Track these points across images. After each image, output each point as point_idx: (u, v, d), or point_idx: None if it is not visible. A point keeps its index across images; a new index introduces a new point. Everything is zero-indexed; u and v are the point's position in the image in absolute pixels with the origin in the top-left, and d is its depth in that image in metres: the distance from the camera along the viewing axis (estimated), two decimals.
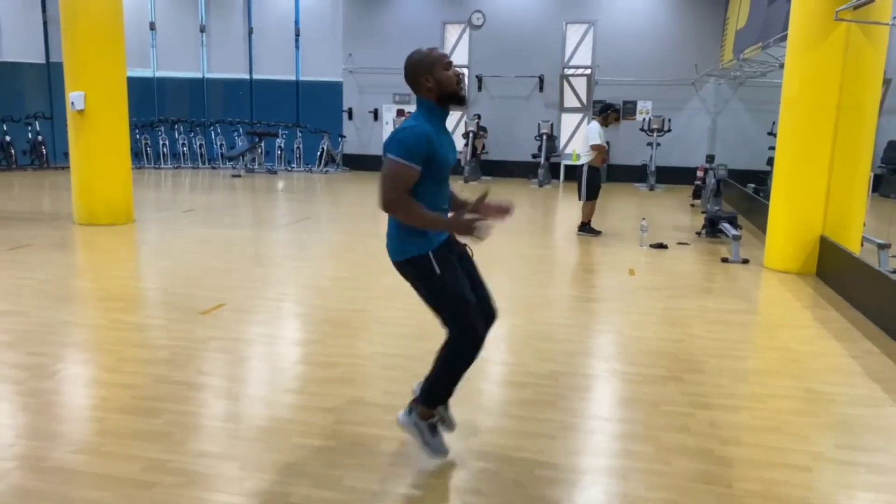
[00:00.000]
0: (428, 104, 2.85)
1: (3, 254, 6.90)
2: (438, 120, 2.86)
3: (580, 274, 6.90)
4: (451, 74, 2.85)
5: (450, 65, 2.87)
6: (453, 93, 2.85)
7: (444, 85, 2.82)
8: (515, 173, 16.29)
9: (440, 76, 2.82)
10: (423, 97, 2.85)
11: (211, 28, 17.43)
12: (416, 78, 2.84)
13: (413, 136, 2.70)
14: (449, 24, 16.56)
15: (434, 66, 2.83)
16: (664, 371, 4.22)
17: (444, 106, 2.87)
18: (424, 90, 2.84)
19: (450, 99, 2.85)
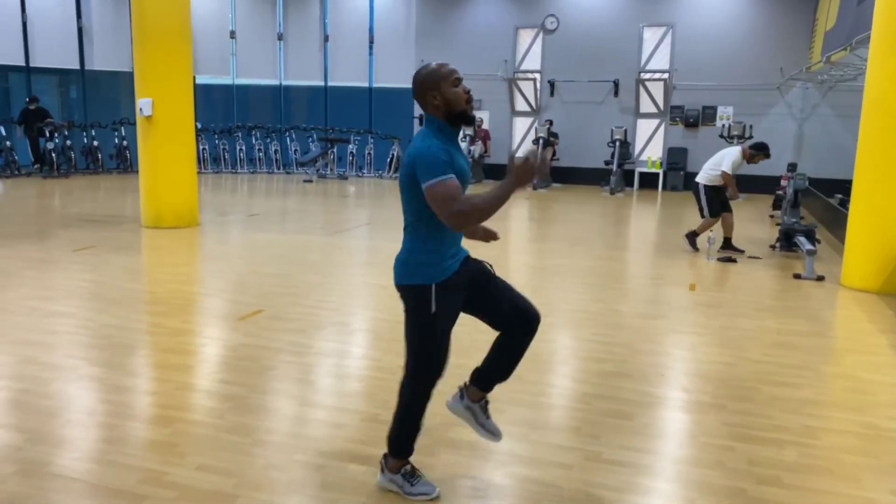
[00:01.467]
0: (437, 122, 2.67)
1: (68, 255, 7.15)
2: (448, 138, 2.68)
3: (636, 288, 6.56)
4: (460, 91, 2.67)
5: (458, 81, 2.68)
6: (462, 111, 2.67)
7: (452, 103, 2.65)
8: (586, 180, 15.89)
9: (448, 93, 2.64)
10: (430, 114, 2.68)
11: (288, 36, 17.82)
12: (423, 94, 2.67)
13: (434, 153, 2.55)
14: (522, 29, 16.34)
15: (442, 81, 2.64)
16: (708, 397, 3.90)
17: (452, 124, 2.69)
18: (431, 107, 2.66)
19: (458, 118, 2.68)
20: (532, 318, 2.89)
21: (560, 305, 5.76)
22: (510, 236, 9.47)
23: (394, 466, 2.86)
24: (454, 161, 2.62)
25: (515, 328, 2.87)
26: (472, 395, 2.98)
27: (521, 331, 2.88)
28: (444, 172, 2.51)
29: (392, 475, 2.85)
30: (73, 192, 12.67)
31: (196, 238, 8.47)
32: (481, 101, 16.67)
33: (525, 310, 2.88)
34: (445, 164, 2.53)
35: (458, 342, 2.87)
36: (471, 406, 2.99)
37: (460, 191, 2.55)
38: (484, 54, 16.31)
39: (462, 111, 2.67)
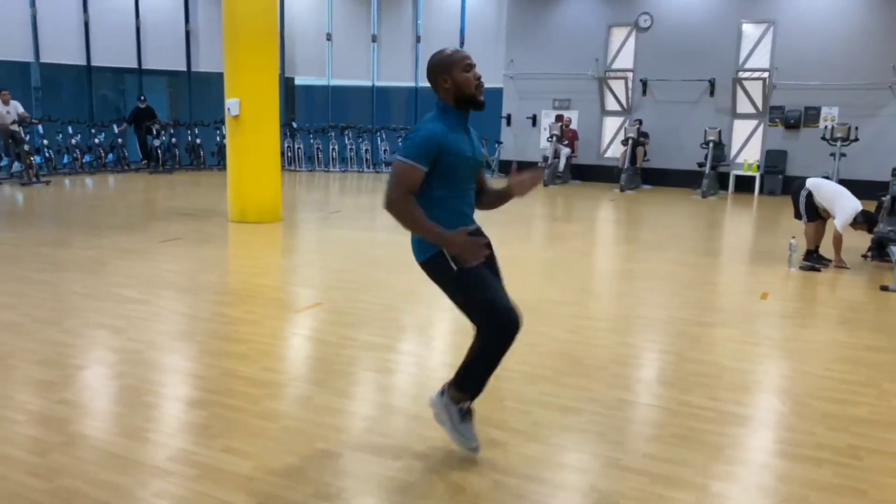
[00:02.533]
0: (443, 105, 2.81)
1: (154, 245, 7.62)
2: (455, 121, 2.80)
3: (704, 295, 6.33)
4: (471, 77, 2.79)
5: (470, 67, 2.80)
6: (471, 96, 2.80)
7: (462, 87, 2.77)
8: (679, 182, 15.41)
9: (458, 77, 2.77)
10: (440, 98, 2.82)
11: (382, 38, 18.21)
12: (434, 77, 2.81)
13: (421, 136, 2.71)
14: (614, 27, 16.04)
15: (453, 66, 2.77)
16: (750, 410, 3.75)
17: (461, 108, 2.81)
18: (442, 91, 2.80)
19: (468, 102, 2.80)
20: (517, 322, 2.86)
21: (618, 310, 5.66)
22: (586, 237, 9.34)
23: (456, 397, 2.91)
24: (450, 151, 2.72)
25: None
26: (454, 395, 2.98)
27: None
28: (418, 160, 2.66)
29: (448, 401, 2.91)
30: (173, 187, 13.46)
31: (276, 233, 8.83)
32: (570, 101, 16.51)
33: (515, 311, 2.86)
34: (426, 156, 2.67)
35: None
36: (448, 405, 2.98)
37: (415, 183, 2.68)
38: (574, 53, 16.11)
39: (471, 95, 2.78)
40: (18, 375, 3.94)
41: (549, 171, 15.38)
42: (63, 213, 10.34)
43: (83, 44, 15.59)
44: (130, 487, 2.81)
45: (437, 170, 2.73)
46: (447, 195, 2.81)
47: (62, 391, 3.74)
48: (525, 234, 9.47)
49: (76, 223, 9.23)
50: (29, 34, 14.75)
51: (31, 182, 12.68)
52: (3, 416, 3.42)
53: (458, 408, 2.94)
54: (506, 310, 2.77)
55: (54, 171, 14.41)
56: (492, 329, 2.79)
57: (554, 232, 9.95)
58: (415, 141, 2.70)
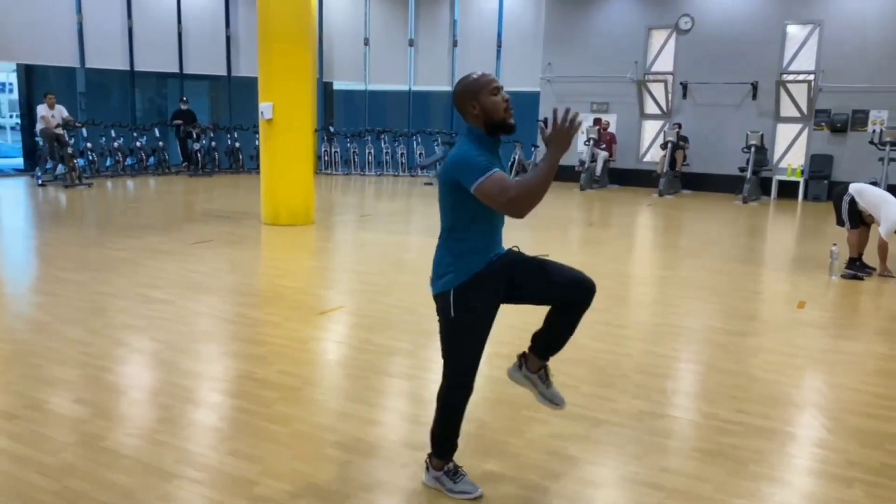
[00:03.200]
0: (476, 131, 2.67)
1: (186, 247, 7.69)
2: (486, 147, 2.66)
3: (738, 303, 6.13)
4: (499, 100, 2.64)
5: (498, 90, 2.65)
6: (501, 120, 2.65)
7: (491, 111, 2.63)
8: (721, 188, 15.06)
9: (486, 102, 2.63)
10: (471, 124, 2.69)
11: (419, 42, 18.23)
12: (462, 104, 2.68)
13: (468, 156, 2.59)
14: (654, 30, 15.77)
15: (480, 91, 2.64)
16: (778, 423, 3.58)
17: (493, 134, 2.68)
18: (472, 117, 2.67)
19: (498, 127, 2.67)
20: (584, 290, 2.78)
21: (648, 318, 5.51)
22: (620, 242, 9.16)
23: (437, 465, 2.87)
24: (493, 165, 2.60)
25: (566, 301, 2.80)
26: (531, 365, 2.97)
27: (575, 302, 2.80)
28: (487, 169, 2.52)
29: (436, 473, 2.87)
30: (211, 190, 13.64)
31: (306, 235, 8.85)
32: (608, 104, 16.28)
33: (573, 283, 2.78)
34: (486, 163, 2.54)
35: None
36: (529, 376, 2.98)
37: (508, 181, 2.55)
38: (613, 56, 15.88)
39: (501, 119, 2.65)
40: (39, 374, 3.98)
41: (585, 176, 15.19)
42: (101, 215, 10.55)
43: (127, 49, 15.93)
44: (135, 490, 2.80)
45: (473, 197, 2.57)
46: (480, 228, 2.72)
47: (79, 391, 3.76)
48: (558, 238, 9.33)
49: (112, 224, 9.40)
50: (75, 40, 15.12)
51: (73, 184, 12.97)
52: (20, 413, 3.45)
53: (444, 473, 2.85)
54: (463, 378, 2.79)
55: (97, 174, 14.73)
56: (446, 384, 2.82)
57: (587, 237, 9.78)
58: (471, 161, 2.55)
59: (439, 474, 2.86)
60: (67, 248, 7.57)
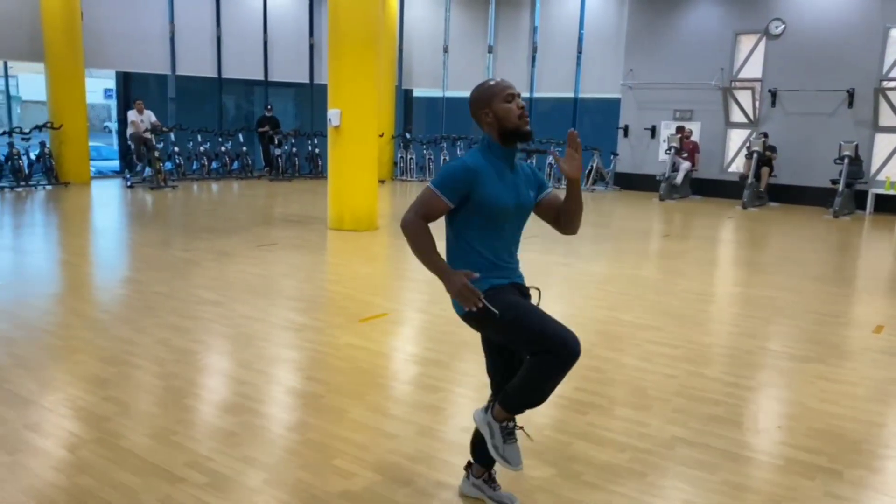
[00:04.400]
0: (488, 140, 2.60)
1: (249, 249, 7.87)
2: (500, 158, 2.58)
3: (805, 325, 5.73)
4: (513, 107, 2.56)
5: (512, 97, 2.57)
6: (515, 127, 2.56)
7: (504, 119, 2.55)
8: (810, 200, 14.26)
9: (499, 109, 2.55)
10: (486, 132, 2.62)
11: (498, 49, 18.15)
12: (476, 112, 2.62)
13: (454, 169, 2.54)
14: (742, 35, 15.12)
15: (493, 98, 2.57)
16: (823, 459, 3.29)
17: (507, 143, 2.59)
18: (485, 125, 2.60)
19: (512, 135, 2.57)
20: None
21: (701, 337, 5.21)
22: (689, 256, 8.78)
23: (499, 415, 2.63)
24: (484, 191, 2.52)
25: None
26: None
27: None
28: (444, 193, 2.51)
29: (491, 419, 2.66)
30: (288, 194, 13.97)
31: (368, 241, 8.91)
32: (692, 112, 15.72)
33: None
34: (456, 191, 2.51)
35: None
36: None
37: (435, 213, 2.54)
38: (698, 62, 15.33)
39: (515, 127, 2.56)
40: (79, 370, 4.12)
41: (665, 185, 14.70)
42: (178, 217, 10.96)
43: (215, 57, 16.57)
44: (138, 491, 2.83)
45: (472, 212, 2.53)
46: (485, 242, 2.59)
47: (112, 388, 3.86)
48: (624, 249, 9.04)
49: (186, 226, 9.74)
50: (167, 48, 15.84)
51: (159, 186, 13.57)
52: (51, 408, 3.58)
53: (501, 427, 2.68)
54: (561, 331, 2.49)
55: (183, 177, 15.37)
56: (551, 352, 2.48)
57: (656, 249, 9.42)
58: (448, 172, 2.53)
59: (495, 424, 2.65)
60: (138, 248, 7.88)
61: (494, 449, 2.66)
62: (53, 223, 10.22)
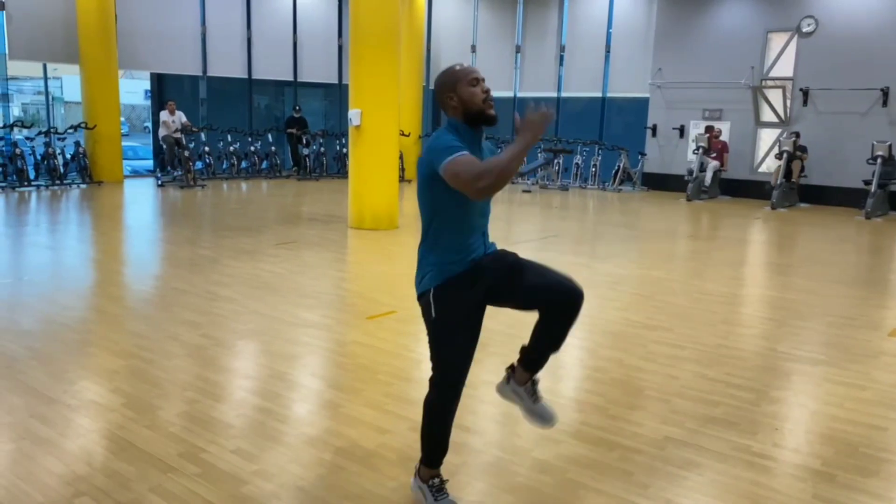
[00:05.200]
0: (454, 122, 2.61)
1: (269, 248, 8.00)
2: (464, 138, 2.58)
3: (819, 327, 5.64)
4: (478, 91, 2.58)
5: (476, 81, 2.60)
6: (479, 110, 2.59)
7: (468, 102, 2.57)
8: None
9: (464, 93, 2.57)
10: (451, 116, 2.63)
11: (525, 49, 18.12)
12: (441, 97, 2.64)
13: (438, 141, 2.52)
14: (773, 33, 14.88)
15: (458, 83, 2.59)
16: (817, 462, 3.25)
17: (473, 125, 2.61)
18: (451, 109, 2.62)
19: (477, 117, 2.60)
20: (570, 298, 2.64)
21: (710, 339, 5.16)
22: (709, 256, 8.68)
23: (424, 475, 2.80)
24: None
25: (552, 305, 2.66)
26: (519, 378, 2.85)
27: (560, 309, 2.66)
28: (455, 151, 2.45)
29: (420, 483, 2.80)
30: (314, 194, 14.13)
31: (387, 240, 8.98)
32: (721, 111, 15.51)
33: (563, 287, 2.66)
34: (455, 146, 2.46)
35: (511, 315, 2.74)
36: (517, 389, 2.86)
37: (475, 160, 2.44)
38: (728, 61, 15.11)
39: (479, 110, 2.58)
40: (90, 363, 4.26)
41: (693, 186, 14.53)
42: (204, 215, 11.18)
43: (246, 58, 16.83)
44: (130, 480, 2.92)
45: (443, 190, 2.51)
46: (456, 225, 2.63)
47: (119, 381, 3.98)
48: (644, 250, 8.97)
49: (210, 224, 9.93)
50: (199, 50, 16.14)
51: (189, 185, 13.84)
52: (58, 398, 3.70)
53: (429, 486, 2.75)
54: (451, 379, 2.67)
55: (213, 176, 15.64)
56: (433, 388, 2.72)
57: (677, 250, 9.33)
58: (441, 145, 2.46)
59: (423, 485, 2.78)
60: (163, 246, 8.07)
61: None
62: (82, 221, 10.50)
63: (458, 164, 2.41)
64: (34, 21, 13.47)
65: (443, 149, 2.46)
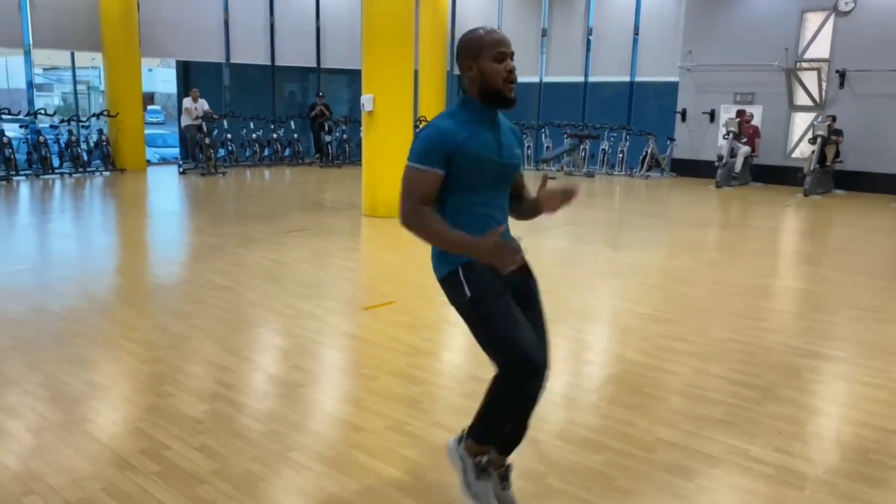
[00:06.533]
0: (466, 99, 2.36)
1: (278, 235, 7.89)
2: (478, 116, 2.35)
3: (837, 320, 5.33)
4: (501, 69, 2.30)
5: (503, 56, 2.30)
6: (497, 91, 2.31)
7: (487, 79, 2.30)
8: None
9: (486, 67, 2.29)
10: (462, 86, 2.38)
11: (552, 33, 17.74)
12: (461, 60, 2.35)
13: (428, 134, 2.30)
14: (809, 13, 14.29)
15: (482, 52, 2.30)
16: (820, 471, 3.01)
17: (487, 103, 2.34)
18: (467, 78, 2.34)
19: (493, 97, 2.32)
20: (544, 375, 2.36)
21: (719, 332, 4.90)
22: (731, 245, 8.35)
23: (472, 448, 2.50)
24: (465, 150, 2.28)
25: None
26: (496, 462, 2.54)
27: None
28: (429, 163, 2.25)
29: (464, 454, 2.52)
30: (336, 181, 14.02)
31: (399, 228, 8.74)
32: (754, 95, 14.99)
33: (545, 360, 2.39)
34: (437, 156, 2.25)
35: None
36: (464, 457, 2.54)
37: (431, 190, 2.27)
38: (761, 42, 14.57)
39: (497, 90, 2.31)
40: (70, 353, 4.16)
41: (722, 172, 14.08)
42: (220, 203, 11.14)
43: (269, 45, 16.77)
44: (84, 478, 2.81)
45: (455, 171, 2.30)
46: (472, 200, 2.36)
47: (95, 372, 3.89)
48: (663, 238, 8.67)
49: (223, 211, 9.88)
50: (222, 37, 16.11)
51: (210, 173, 13.84)
52: (31, 390, 3.62)
53: (475, 461, 2.51)
54: (524, 354, 2.27)
55: (235, 164, 15.64)
56: (506, 373, 2.32)
57: (698, 238, 9.00)
58: (421, 141, 2.29)
59: (468, 459, 2.50)
60: (171, 234, 8.02)
61: (466, 484, 2.52)
62: (98, 209, 10.54)
63: (414, 179, 2.25)
64: (57, 10, 13.54)
65: (421, 149, 2.27)
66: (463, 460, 2.52)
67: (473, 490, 2.51)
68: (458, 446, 2.56)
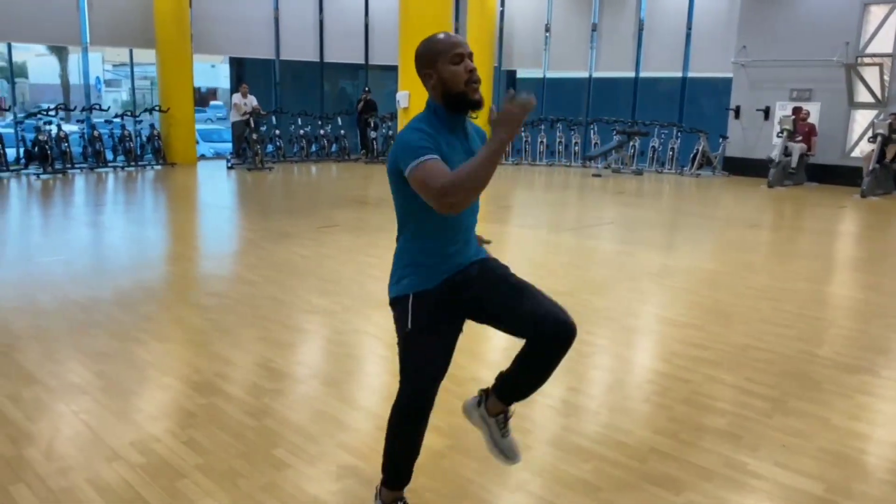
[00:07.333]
0: (433, 105, 2.30)
1: (310, 231, 7.97)
2: (444, 124, 2.28)
3: (876, 331, 5.07)
4: (461, 70, 2.23)
5: (460, 58, 2.24)
6: (460, 94, 2.24)
7: (449, 83, 2.23)
8: None
9: (444, 71, 2.23)
10: (430, 96, 2.32)
11: (602, 27, 17.43)
12: (420, 71, 2.31)
13: (406, 138, 2.22)
14: (872, 6, 13.69)
15: (438, 57, 2.24)
16: (820, 488, 2.86)
17: (454, 110, 2.27)
18: (430, 87, 2.29)
19: (458, 101, 2.25)
20: (562, 328, 2.29)
21: (741, 339, 4.72)
22: (774, 248, 8.05)
23: (386, 497, 2.52)
24: (439, 149, 2.20)
25: (540, 337, 2.32)
26: (492, 408, 2.54)
27: (548, 341, 2.32)
28: (422, 154, 2.14)
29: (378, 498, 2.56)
30: (379, 176, 14.02)
31: None
32: (811, 91, 14.43)
33: (557, 318, 2.30)
34: (423, 148, 2.16)
35: None
36: (486, 419, 2.56)
37: (442, 169, 2.13)
38: (819, 36, 14.01)
39: (459, 92, 2.23)
40: (85, 343, 4.27)
41: (775, 171, 13.60)
42: (263, 198, 11.31)
43: (318, 42, 16.97)
44: (71, 467, 2.87)
45: None
46: (434, 225, 2.31)
47: (106, 363, 3.98)
48: (701, 239, 8.42)
49: (262, 207, 10.03)
50: (272, 34, 16.38)
51: (257, 168, 14.09)
52: (41, 379, 3.72)
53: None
54: (417, 392, 2.34)
55: (283, 159, 15.88)
56: (398, 398, 2.40)
57: (741, 240, 8.69)
58: (407, 144, 2.18)
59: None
60: (208, 228, 8.19)
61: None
62: (141, 203, 10.84)
63: (424, 172, 2.11)
64: (114, 7, 13.98)
65: (409, 149, 2.16)
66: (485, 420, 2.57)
67: None
68: (476, 408, 2.60)
